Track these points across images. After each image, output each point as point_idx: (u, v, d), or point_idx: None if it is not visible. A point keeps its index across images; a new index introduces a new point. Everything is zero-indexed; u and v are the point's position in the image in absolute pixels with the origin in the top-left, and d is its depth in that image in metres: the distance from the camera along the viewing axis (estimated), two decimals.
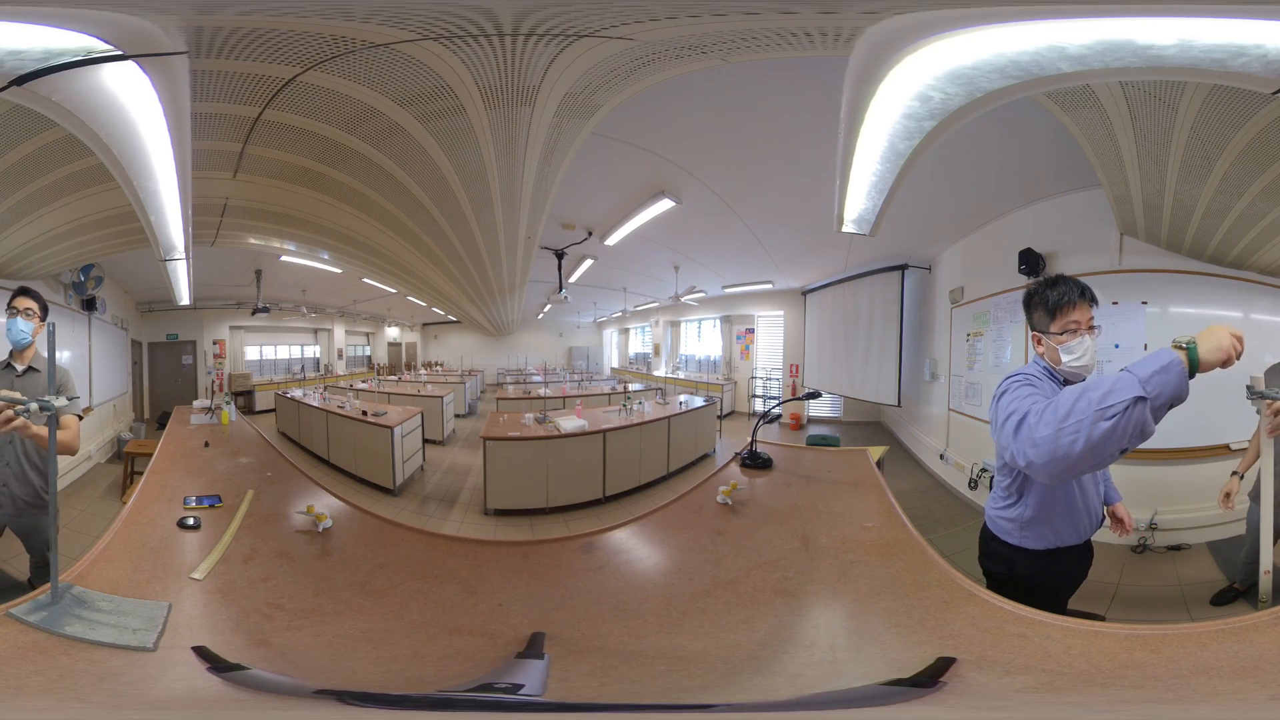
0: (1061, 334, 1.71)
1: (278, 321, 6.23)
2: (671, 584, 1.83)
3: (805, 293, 6.70)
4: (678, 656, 1.41)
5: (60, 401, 1.53)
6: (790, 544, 1.92)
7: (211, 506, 2.08)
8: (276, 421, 5.59)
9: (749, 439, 2.66)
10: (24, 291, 2.28)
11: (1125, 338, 3.46)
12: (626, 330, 8.46)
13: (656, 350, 7.82)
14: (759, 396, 7.09)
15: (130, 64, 1.37)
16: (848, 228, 2.26)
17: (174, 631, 1.36)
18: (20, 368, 2.26)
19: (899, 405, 5.47)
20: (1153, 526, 3.21)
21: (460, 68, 1.79)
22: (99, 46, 1.30)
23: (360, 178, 2.61)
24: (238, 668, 1.23)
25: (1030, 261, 3.79)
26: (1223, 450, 3.29)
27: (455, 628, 1.59)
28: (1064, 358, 1.72)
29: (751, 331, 7.18)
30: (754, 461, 2.57)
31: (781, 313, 6.96)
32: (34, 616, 1.33)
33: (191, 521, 1.93)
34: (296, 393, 5.68)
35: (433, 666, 1.42)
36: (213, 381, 5.81)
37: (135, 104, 1.52)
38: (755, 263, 5.46)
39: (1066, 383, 1.72)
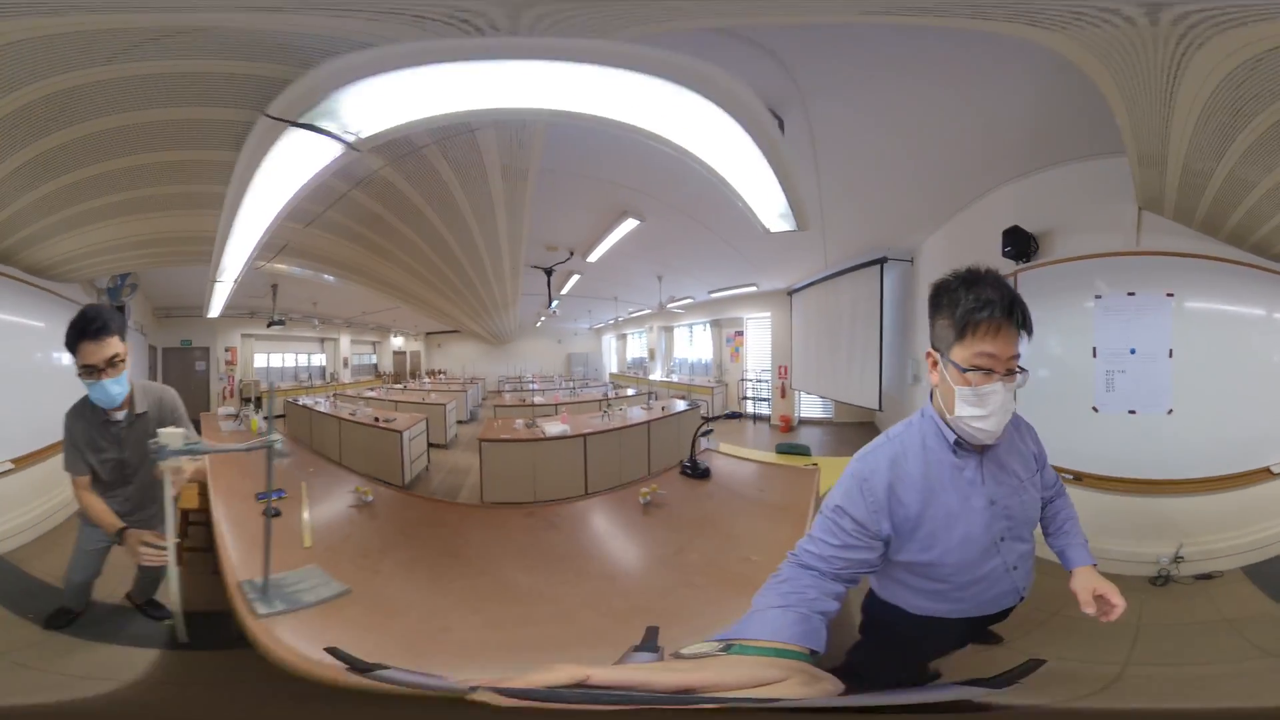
0: (966, 370, 1.19)
1: (287, 331, 6.37)
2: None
3: (791, 293, 6.59)
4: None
5: (193, 435, 1.85)
6: (666, 549, 2.24)
7: (280, 498, 2.53)
8: (287, 427, 5.78)
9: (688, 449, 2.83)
10: (101, 330, 1.69)
11: (1145, 340, 2.72)
12: (624, 336, 8.52)
13: (651, 355, 7.91)
14: (749, 399, 7.08)
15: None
16: (777, 227, 2.28)
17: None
18: (121, 416, 1.90)
19: (880, 409, 5.30)
20: (1178, 559, 2.63)
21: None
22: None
23: (371, 227, 2.96)
24: (377, 666, 1.30)
25: (1018, 242, 2.99)
26: (1263, 475, 2.62)
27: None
28: (960, 407, 1.18)
29: (740, 334, 7.10)
30: (693, 470, 2.68)
31: (769, 314, 6.85)
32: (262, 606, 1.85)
33: (275, 511, 2.37)
34: (307, 400, 5.93)
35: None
36: (224, 388, 5.83)
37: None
38: (734, 267, 5.50)
39: (958, 444, 1.26)
